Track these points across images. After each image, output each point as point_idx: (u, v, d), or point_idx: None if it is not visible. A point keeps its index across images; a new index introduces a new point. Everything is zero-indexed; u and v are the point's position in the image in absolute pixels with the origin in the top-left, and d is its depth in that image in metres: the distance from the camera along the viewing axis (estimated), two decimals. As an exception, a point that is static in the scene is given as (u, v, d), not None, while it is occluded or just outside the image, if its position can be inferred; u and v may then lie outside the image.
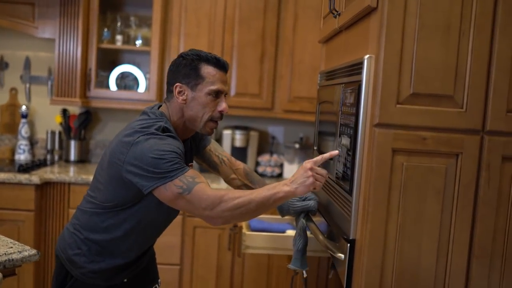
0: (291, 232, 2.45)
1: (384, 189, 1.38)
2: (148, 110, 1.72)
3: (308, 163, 1.52)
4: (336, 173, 1.69)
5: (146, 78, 3.60)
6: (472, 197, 1.39)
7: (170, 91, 1.70)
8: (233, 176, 2.00)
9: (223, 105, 1.67)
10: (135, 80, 3.63)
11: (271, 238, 2.38)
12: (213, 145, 1.97)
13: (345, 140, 1.58)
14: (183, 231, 3.21)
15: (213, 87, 1.64)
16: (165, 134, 1.60)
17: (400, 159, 1.38)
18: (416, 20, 1.36)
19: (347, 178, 1.55)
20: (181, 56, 1.69)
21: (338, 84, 1.74)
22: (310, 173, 1.51)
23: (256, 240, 2.38)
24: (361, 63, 1.44)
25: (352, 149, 1.50)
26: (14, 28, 3.35)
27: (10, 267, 1.65)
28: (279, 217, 2.76)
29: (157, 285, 2.03)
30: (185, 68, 1.66)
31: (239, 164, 2.03)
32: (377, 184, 1.38)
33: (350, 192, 1.50)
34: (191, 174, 1.55)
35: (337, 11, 1.79)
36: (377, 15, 1.39)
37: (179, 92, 1.66)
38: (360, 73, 1.45)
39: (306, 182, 1.51)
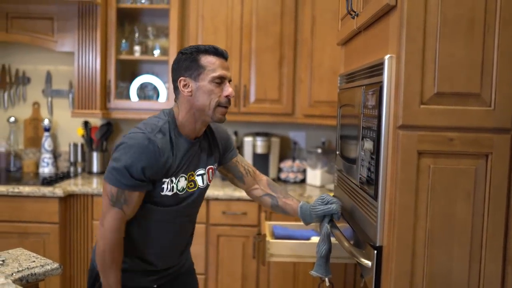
0: (316, 239, 2.40)
1: (411, 193, 1.33)
2: (163, 109, 1.78)
3: None
4: (360, 177, 1.64)
5: (165, 87, 3.60)
6: (504, 199, 1.33)
7: (176, 88, 1.72)
8: (256, 186, 2.03)
9: (228, 90, 1.69)
10: (155, 90, 3.63)
11: (295, 245, 2.33)
12: (239, 157, 2.01)
13: (368, 144, 1.53)
14: (207, 240, 3.19)
15: (215, 74, 1.66)
16: (155, 137, 1.63)
17: (426, 162, 1.33)
18: (438, 16, 1.31)
19: (371, 182, 1.49)
20: (180, 53, 1.72)
21: (359, 86, 1.69)
22: None
23: (280, 248, 2.34)
24: (382, 63, 1.40)
25: (375, 153, 1.45)
26: (35, 43, 3.40)
27: (33, 281, 1.65)
28: (303, 223, 2.73)
29: None
30: (185, 62, 1.67)
31: (263, 176, 2.06)
32: (403, 188, 1.33)
33: (375, 197, 1.45)
34: (129, 198, 1.62)
35: (355, 12, 1.75)
36: (396, 13, 1.34)
37: (184, 86, 1.68)
38: (381, 74, 1.40)
39: None
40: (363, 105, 1.61)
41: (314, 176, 3.51)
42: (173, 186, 1.69)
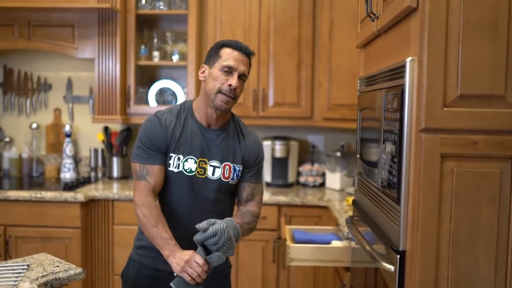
0: (336, 243, 2.39)
1: (434, 197, 1.31)
2: None
3: (188, 259, 1.64)
4: (382, 181, 1.63)
5: (184, 92, 3.62)
6: (530, 202, 1.30)
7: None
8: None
9: (231, 80, 1.75)
10: (174, 95, 3.66)
11: (316, 249, 2.33)
12: (259, 186, 1.95)
13: (390, 147, 1.52)
14: (227, 244, 3.19)
15: (225, 63, 1.76)
16: (163, 112, 1.83)
17: (450, 165, 1.31)
18: (460, 17, 1.29)
19: (393, 186, 1.48)
20: (212, 46, 1.86)
21: (380, 89, 1.68)
22: (182, 265, 1.64)
23: (301, 252, 2.33)
24: (403, 66, 1.38)
25: (397, 156, 1.43)
26: (56, 51, 3.45)
27: (57, 286, 1.66)
28: (324, 227, 2.72)
29: None
30: (210, 51, 1.84)
31: (250, 207, 1.94)
32: (427, 192, 1.31)
33: (397, 201, 1.44)
34: (150, 169, 1.78)
35: (374, 14, 1.74)
36: (417, 15, 1.33)
37: (202, 72, 1.84)
38: (403, 76, 1.39)
39: (176, 268, 1.66)
40: (384, 108, 1.60)
41: (334, 179, 3.49)
42: (179, 164, 1.79)
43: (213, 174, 1.83)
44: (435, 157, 1.31)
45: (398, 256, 1.42)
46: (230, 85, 1.75)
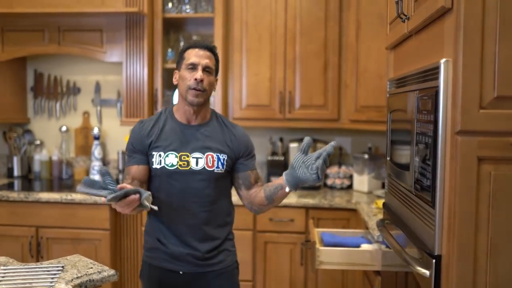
0: (366, 247, 2.37)
1: (471, 201, 1.29)
2: None
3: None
4: (414, 184, 1.61)
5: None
6: None
7: None
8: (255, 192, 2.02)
9: (196, 75, 1.85)
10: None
11: (346, 253, 2.30)
12: (256, 171, 2.07)
13: (423, 150, 1.50)
14: (254, 247, 3.19)
15: (188, 61, 1.87)
16: (146, 119, 2.00)
17: (487, 168, 1.28)
18: (497, 16, 1.27)
19: (427, 189, 1.46)
20: None
21: (412, 91, 1.66)
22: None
23: (330, 256, 2.31)
24: (437, 67, 1.36)
25: (432, 159, 1.41)
26: (85, 55, 3.50)
27: (91, 287, 1.69)
28: (353, 230, 2.69)
29: None
30: (178, 58, 1.95)
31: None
32: (463, 195, 1.29)
33: (432, 205, 1.41)
34: (127, 170, 1.94)
35: (405, 15, 1.72)
36: (452, 16, 1.31)
37: (175, 78, 1.96)
38: (437, 78, 1.37)
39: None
40: (417, 110, 1.58)
41: (361, 182, 3.46)
42: (161, 160, 1.90)
43: (196, 165, 1.91)
44: (471, 160, 1.29)
45: (434, 260, 1.39)
46: (195, 79, 1.85)
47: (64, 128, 3.87)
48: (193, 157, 1.90)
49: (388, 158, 2.12)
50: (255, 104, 3.44)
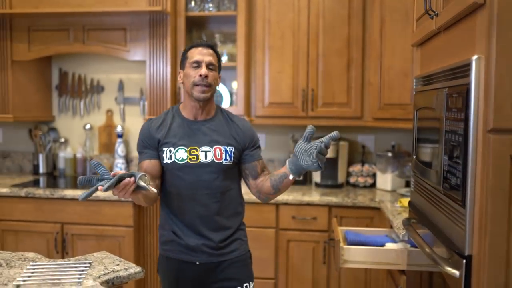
0: (390, 245, 2.34)
1: (504, 201, 1.26)
2: None
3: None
4: (443, 183, 1.58)
5: (230, 93, 3.64)
6: None
7: None
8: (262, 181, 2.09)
9: (200, 71, 1.95)
10: (220, 96, 3.68)
11: (370, 252, 2.29)
12: (262, 161, 2.13)
13: (453, 148, 1.47)
14: (277, 245, 3.19)
15: (191, 60, 1.97)
16: (155, 117, 2.09)
17: (521, 167, 1.26)
18: (532, 13, 1.24)
19: (457, 188, 1.44)
20: None
21: (440, 88, 1.63)
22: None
23: (355, 254, 2.30)
24: (469, 64, 1.34)
25: (462, 158, 1.39)
26: (109, 54, 3.53)
27: (118, 284, 1.70)
28: (376, 229, 2.67)
29: None
30: (181, 58, 2.05)
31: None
32: (495, 195, 1.27)
33: (462, 204, 1.39)
34: (140, 166, 2.02)
35: (434, 12, 1.69)
36: (485, 12, 1.28)
37: (179, 77, 2.05)
38: (468, 75, 1.34)
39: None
40: (446, 108, 1.56)
41: (385, 180, 3.43)
42: (171, 155, 1.98)
43: (205, 158, 1.98)
44: (504, 158, 1.26)
45: (464, 261, 1.37)
46: (200, 75, 1.94)
47: (88, 126, 3.91)
48: (202, 151, 1.98)
49: (414, 156, 2.09)
50: (278, 102, 3.43)
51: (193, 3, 3.49)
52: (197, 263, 2.01)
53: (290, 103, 3.42)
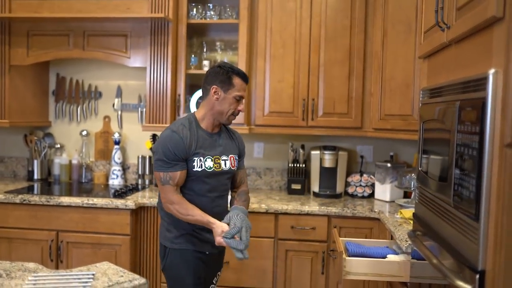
0: (392, 257, 2.33)
1: (520, 216, 1.25)
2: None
3: (217, 236, 2.15)
4: (454, 197, 1.57)
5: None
6: None
7: (206, 90, 2.30)
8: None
9: (241, 106, 2.32)
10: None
11: (373, 263, 2.27)
12: (244, 173, 2.55)
13: (466, 161, 1.46)
14: (275, 255, 3.16)
15: (239, 93, 2.28)
16: (178, 128, 2.25)
17: (537, 182, 1.25)
18: (550, 27, 1.23)
19: (470, 202, 1.42)
20: (219, 66, 2.29)
21: (451, 101, 1.63)
22: (217, 240, 2.16)
23: (357, 266, 2.28)
24: (485, 78, 1.33)
25: (476, 171, 1.38)
26: (109, 60, 3.50)
27: (122, 296, 1.67)
28: (377, 240, 2.66)
29: (219, 273, 2.52)
30: (222, 76, 2.26)
31: (242, 187, 2.52)
32: (511, 210, 1.25)
33: (476, 218, 1.38)
34: (172, 176, 2.21)
35: (446, 24, 1.69)
36: (503, 26, 1.28)
37: (215, 92, 2.27)
38: (484, 89, 1.34)
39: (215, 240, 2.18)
40: (458, 121, 1.55)
41: (383, 190, 3.43)
42: (201, 164, 2.25)
43: (225, 166, 2.34)
44: (521, 173, 1.25)
45: (477, 276, 1.36)
46: (239, 110, 2.31)
47: (84, 132, 3.87)
48: (222, 160, 2.33)
49: (420, 168, 2.08)
50: (278, 111, 3.42)
51: (194, 10, 3.47)
52: (207, 252, 2.35)
53: (290, 112, 3.41)
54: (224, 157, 2.33)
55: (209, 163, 2.27)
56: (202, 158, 2.25)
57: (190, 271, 2.31)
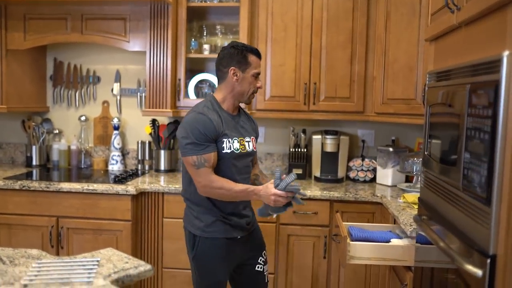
0: (396, 241, 2.33)
1: (534, 200, 1.24)
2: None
3: (272, 193, 2.14)
4: (463, 181, 1.55)
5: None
6: None
7: (223, 73, 2.29)
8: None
9: (259, 83, 2.33)
10: (210, 86, 3.62)
11: (377, 248, 2.27)
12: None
13: (477, 145, 1.45)
14: (277, 239, 3.16)
15: (256, 71, 2.29)
16: (203, 110, 2.23)
17: (552, 166, 1.23)
18: None
19: (481, 186, 1.41)
20: (232, 47, 2.27)
21: (460, 84, 1.60)
22: (272, 198, 2.14)
23: (361, 251, 2.28)
24: (499, 60, 1.30)
25: (488, 155, 1.36)
26: (108, 44, 3.45)
27: (128, 283, 1.65)
28: (380, 224, 2.66)
29: (264, 252, 2.51)
30: (237, 56, 2.25)
31: (256, 167, 2.59)
32: (525, 194, 1.24)
33: (487, 203, 1.36)
34: (206, 158, 2.18)
35: (456, 6, 1.66)
36: (517, 7, 1.25)
37: (234, 74, 2.26)
38: (498, 71, 1.31)
39: (268, 201, 2.17)
40: (468, 105, 1.52)
41: (385, 175, 3.42)
42: (230, 146, 2.25)
43: (249, 147, 2.36)
44: (535, 157, 1.23)
45: (488, 260, 1.35)
46: (259, 87, 2.33)
47: (83, 118, 3.83)
48: (246, 141, 2.35)
49: (426, 152, 2.06)
50: (279, 95, 3.39)
51: (194, -7, 3.42)
52: (238, 237, 2.34)
53: (291, 96, 3.38)
54: (247, 139, 2.36)
55: (236, 144, 2.28)
56: (230, 140, 2.26)
57: (222, 259, 2.31)
